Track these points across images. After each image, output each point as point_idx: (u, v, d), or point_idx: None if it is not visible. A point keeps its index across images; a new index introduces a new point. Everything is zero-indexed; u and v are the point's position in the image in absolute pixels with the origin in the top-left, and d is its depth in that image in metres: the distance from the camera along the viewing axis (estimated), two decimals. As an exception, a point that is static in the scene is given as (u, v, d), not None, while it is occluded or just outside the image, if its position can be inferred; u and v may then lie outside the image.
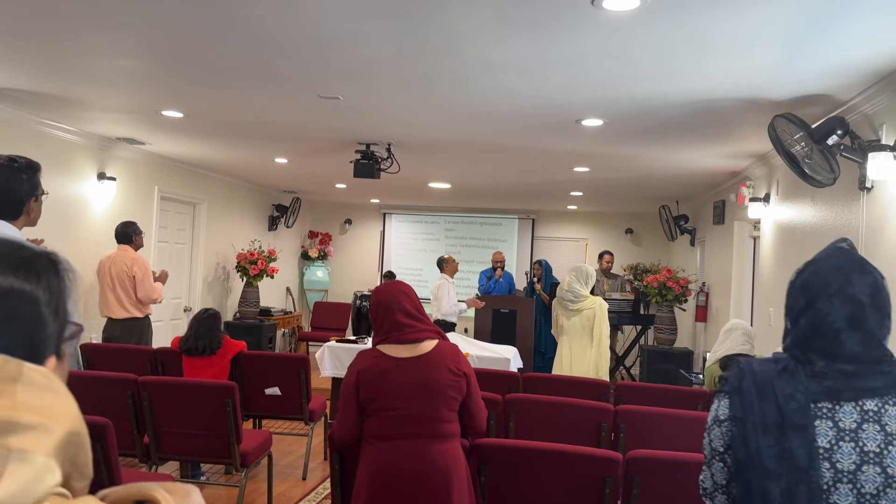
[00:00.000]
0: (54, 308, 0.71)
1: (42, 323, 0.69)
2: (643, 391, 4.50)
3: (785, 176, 5.06)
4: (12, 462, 0.59)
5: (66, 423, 0.64)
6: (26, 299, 0.68)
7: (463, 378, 2.41)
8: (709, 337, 7.60)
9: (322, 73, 3.78)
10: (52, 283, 0.71)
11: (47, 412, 0.63)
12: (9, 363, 0.64)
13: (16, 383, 0.63)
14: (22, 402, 0.62)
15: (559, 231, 10.95)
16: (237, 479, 4.32)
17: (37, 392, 0.63)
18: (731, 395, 1.36)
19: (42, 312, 0.69)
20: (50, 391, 0.65)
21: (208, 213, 8.28)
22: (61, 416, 0.64)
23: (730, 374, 1.39)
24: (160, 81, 4.14)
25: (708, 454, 1.41)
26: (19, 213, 2.43)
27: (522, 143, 5.44)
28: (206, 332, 4.38)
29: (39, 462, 0.60)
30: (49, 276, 0.71)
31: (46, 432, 0.62)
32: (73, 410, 0.66)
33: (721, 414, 1.38)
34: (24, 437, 0.60)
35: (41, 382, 0.65)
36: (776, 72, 3.39)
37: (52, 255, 0.75)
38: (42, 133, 5.44)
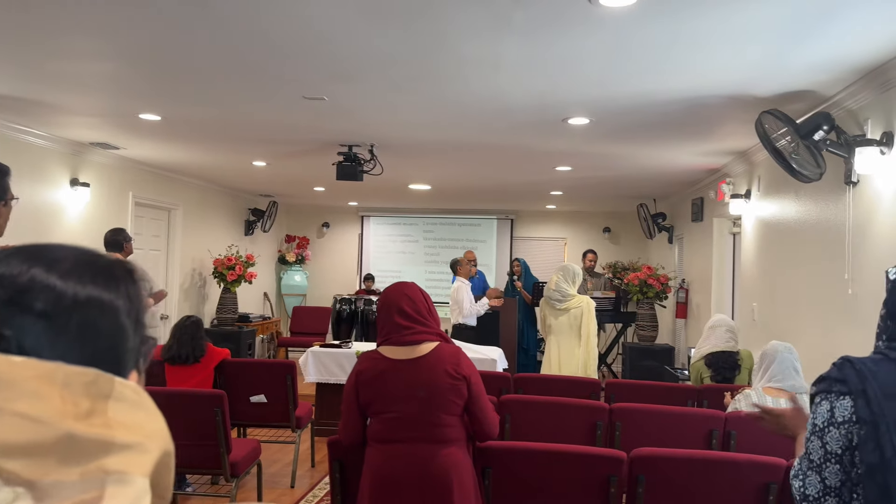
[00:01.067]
0: (134, 318, 0.66)
1: (124, 334, 0.64)
2: (633, 388, 4.51)
3: (767, 172, 5.12)
4: (111, 484, 0.54)
5: (160, 443, 0.60)
6: (107, 309, 0.63)
7: (463, 382, 2.35)
8: (689, 333, 7.67)
9: (307, 74, 3.71)
10: (131, 292, 0.66)
11: (141, 430, 0.59)
12: (101, 378, 0.59)
13: (108, 400, 0.58)
14: (115, 420, 0.57)
15: (538, 231, 10.97)
16: (226, 490, 4.23)
17: (129, 409, 0.59)
18: (855, 396, 1.33)
19: (123, 323, 0.64)
20: (141, 408, 0.60)
21: (184, 218, 8.12)
22: (155, 435, 0.60)
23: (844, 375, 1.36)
24: (138, 84, 4.03)
25: (819, 458, 1.37)
26: None
27: (507, 143, 5.42)
28: (189, 340, 4.28)
29: (139, 484, 0.56)
30: (127, 284, 0.67)
31: (143, 452, 0.58)
32: (164, 428, 0.62)
33: (840, 416, 1.35)
34: (122, 458, 0.56)
35: (132, 398, 0.60)
36: (762, 68, 3.41)
37: (126, 263, 0.70)
38: (13, 139, 5.27)
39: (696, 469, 2.56)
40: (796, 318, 4.47)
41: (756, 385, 3.41)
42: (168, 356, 4.25)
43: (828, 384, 1.39)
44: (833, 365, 1.40)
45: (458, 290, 7.01)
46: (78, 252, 0.66)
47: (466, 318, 6.88)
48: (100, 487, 0.54)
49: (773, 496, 2.46)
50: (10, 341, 0.57)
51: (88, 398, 0.57)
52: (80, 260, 0.65)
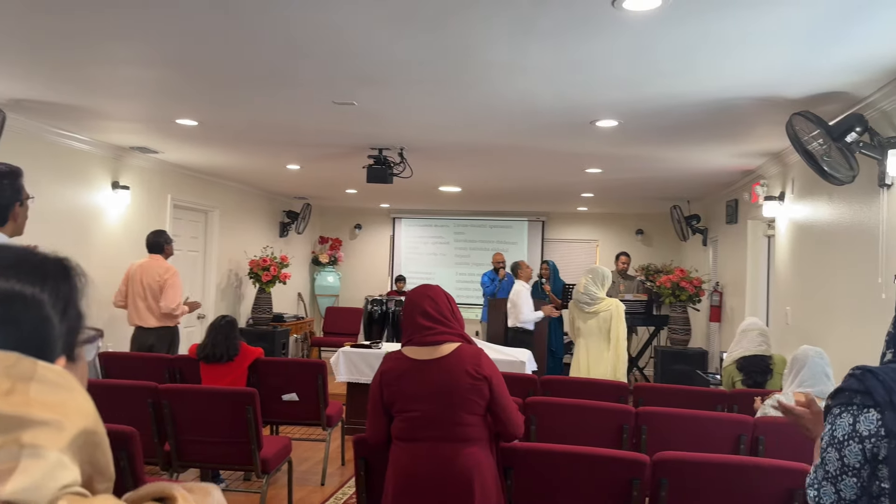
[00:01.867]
0: (61, 310, 0.72)
1: (48, 324, 0.71)
2: (662, 392, 4.48)
3: (801, 174, 5.04)
4: (25, 458, 0.59)
5: (81, 421, 0.65)
6: (29, 302, 0.70)
7: (484, 382, 2.37)
8: (723, 337, 7.56)
9: (337, 80, 3.79)
10: (60, 287, 0.73)
11: (61, 409, 0.63)
12: (22, 361, 0.65)
13: (30, 381, 0.64)
14: (35, 399, 0.63)
15: (569, 233, 10.93)
16: (257, 486, 4.33)
17: (51, 390, 0.64)
18: (882, 409, 1.30)
19: (47, 314, 0.71)
20: (64, 389, 0.66)
21: (221, 220, 8.31)
22: (75, 414, 0.64)
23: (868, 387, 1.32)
24: (175, 90, 4.16)
25: (836, 469, 1.35)
26: (5, 219, 2.44)
27: (535, 145, 5.43)
28: (223, 339, 4.38)
29: (52, 458, 0.60)
30: (57, 279, 0.73)
31: (59, 429, 0.62)
32: (88, 408, 0.67)
33: (864, 429, 1.32)
34: (37, 433, 0.61)
35: (55, 380, 0.65)
36: (793, 70, 3.38)
37: (63, 261, 0.76)
38: (57, 143, 5.47)
39: (720, 473, 2.55)
40: (829, 322, 4.40)
41: (786, 390, 3.37)
42: (203, 355, 4.37)
43: (849, 396, 1.35)
44: (851, 376, 1.36)
45: (519, 293, 6.89)
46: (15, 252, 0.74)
47: (524, 323, 6.76)
48: (15, 459, 0.59)
49: (799, 502, 2.44)
50: None
51: (9, 379, 0.63)
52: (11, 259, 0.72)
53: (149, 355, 5.05)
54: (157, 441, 3.79)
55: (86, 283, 0.78)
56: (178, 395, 3.74)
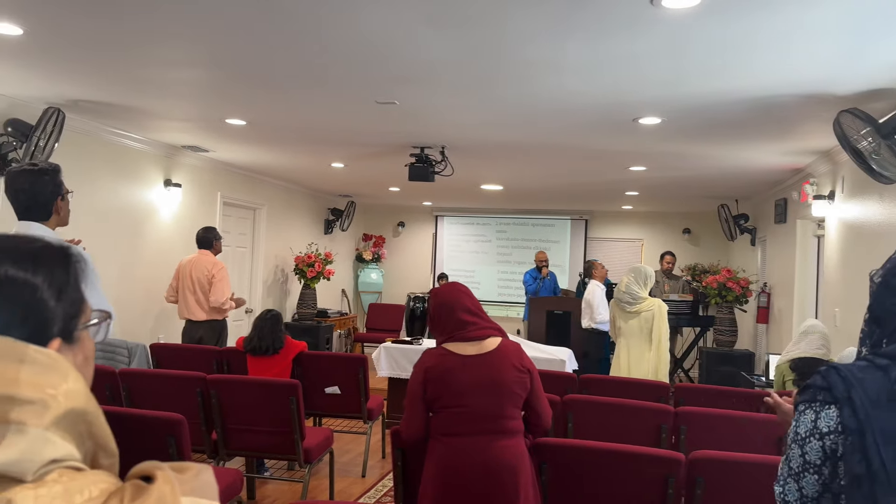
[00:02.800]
0: (56, 294, 0.76)
1: (42, 307, 0.75)
2: (702, 393, 4.43)
3: (851, 173, 4.91)
4: (10, 434, 0.64)
5: (69, 401, 0.69)
6: (20, 286, 0.74)
7: (527, 375, 2.44)
8: (771, 338, 7.41)
9: (379, 79, 3.86)
10: (55, 272, 0.77)
11: (49, 389, 0.68)
12: (14, 345, 0.70)
13: (21, 363, 0.68)
14: (24, 380, 0.67)
15: (614, 232, 10.83)
16: (300, 475, 4.44)
17: (41, 371, 0.69)
18: (841, 405, 1.29)
19: (41, 297, 0.75)
20: (54, 370, 0.70)
21: (268, 217, 8.51)
22: (62, 394, 0.69)
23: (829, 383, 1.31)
24: (224, 91, 4.29)
25: (797, 466, 1.34)
26: (49, 213, 2.60)
27: (577, 143, 5.42)
28: (269, 333, 4.51)
29: (35, 434, 0.65)
30: (52, 265, 0.77)
31: (44, 407, 0.67)
32: (78, 388, 0.71)
33: (824, 426, 1.31)
34: (22, 411, 0.65)
35: (45, 362, 0.70)
36: (841, 66, 3.30)
37: (62, 248, 0.81)
38: (112, 142, 5.70)
39: (756, 474, 2.53)
40: (880, 324, 4.27)
41: None
42: (249, 347, 4.50)
43: (812, 393, 1.34)
44: (817, 373, 1.35)
45: (593, 293, 6.74)
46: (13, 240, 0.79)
47: (599, 324, 6.62)
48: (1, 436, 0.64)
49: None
50: None
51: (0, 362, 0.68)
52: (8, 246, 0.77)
53: (198, 347, 5.22)
54: (204, 430, 3.93)
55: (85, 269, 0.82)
56: (225, 386, 3.87)
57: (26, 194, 2.54)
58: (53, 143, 4.54)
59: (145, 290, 6.15)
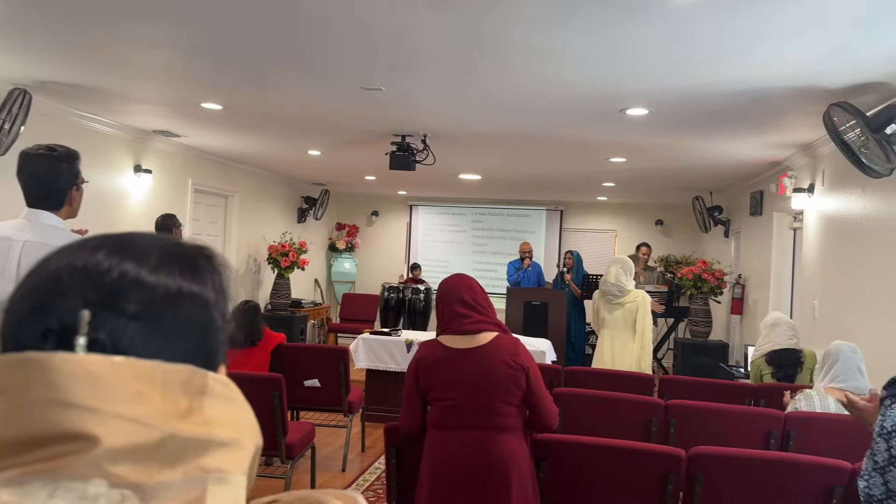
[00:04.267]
0: (222, 310, 0.63)
1: (214, 328, 0.62)
2: (688, 385, 4.43)
3: (832, 166, 4.95)
4: (212, 483, 0.54)
5: (254, 438, 0.59)
6: (197, 303, 0.61)
7: (521, 372, 2.37)
8: (745, 330, 7.50)
9: (366, 65, 3.74)
10: (217, 283, 0.63)
11: (236, 427, 0.58)
12: (195, 374, 0.57)
13: (203, 396, 0.57)
14: (212, 417, 0.56)
15: (588, 222, 10.86)
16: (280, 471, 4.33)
17: (222, 404, 0.58)
18: None
19: (213, 316, 0.62)
20: (232, 401, 0.59)
21: (240, 205, 8.31)
22: (248, 430, 0.59)
23: None
24: (201, 73, 4.13)
25: (883, 460, 1.35)
26: (62, 202, 2.41)
27: (562, 133, 5.37)
28: (247, 324, 4.38)
29: (238, 482, 0.56)
30: (212, 274, 0.64)
31: (239, 449, 0.57)
32: (254, 422, 0.61)
33: None
34: (221, 456, 0.55)
35: (224, 393, 0.59)
36: (832, 59, 3.30)
37: (206, 250, 0.66)
38: (81, 126, 5.47)
39: (757, 469, 2.51)
40: (860, 317, 4.33)
41: (818, 385, 3.32)
42: (226, 339, 4.36)
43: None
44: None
45: None
46: (162, 242, 0.63)
47: None
48: (202, 487, 0.54)
49: (837, 500, 2.40)
50: (105, 343, 0.54)
51: (186, 396, 0.56)
52: (166, 251, 0.62)
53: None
54: (182, 425, 3.80)
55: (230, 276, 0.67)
56: (204, 380, 3.74)
57: (40, 180, 2.34)
58: (19, 127, 4.32)
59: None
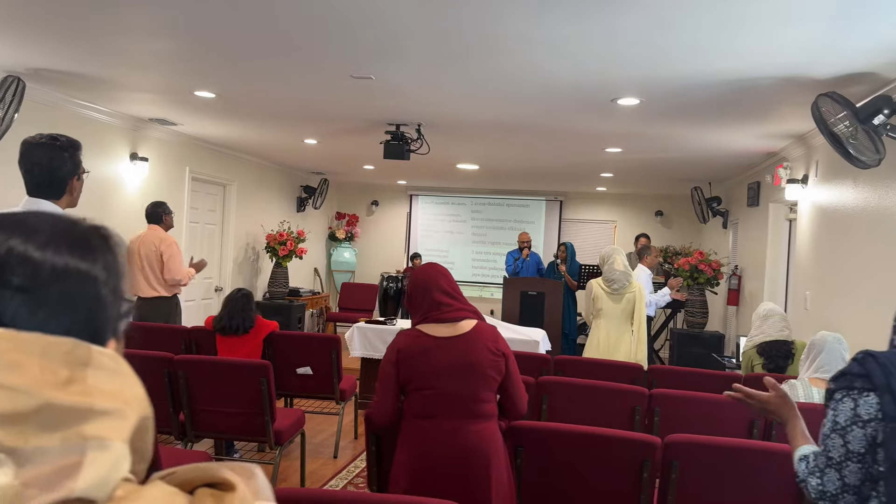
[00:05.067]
0: (112, 287, 0.67)
1: (102, 303, 0.66)
2: (676, 375, 4.45)
3: (825, 157, 4.94)
4: (91, 450, 0.56)
5: (138, 408, 0.62)
6: (85, 279, 0.64)
7: (502, 359, 2.39)
8: (741, 320, 7.50)
9: (355, 53, 3.75)
10: (108, 260, 0.67)
11: (120, 397, 0.60)
12: (79, 347, 0.60)
13: (86, 368, 0.60)
14: (94, 387, 0.59)
15: (587, 213, 10.85)
16: (270, 457, 4.38)
17: (107, 376, 0.61)
18: (880, 392, 1.30)
19: (101, 293, 0.65)
20: (119, 374, 0.62)
21: (238, 194, 8.34)
22: (133, 401, 0.61)
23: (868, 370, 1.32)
24: (193, 61, 4.14)
25: (840, 456, 1.35)
26: (63, 192, 2.44)
27: (555, 123, 5.37)
28: (239, 312, 4.41)
29: (118, 449, 0.58)
30: (105, 253, 0.67)
31: (121, 418, 0.59)
32: (141, 393, 0.64)
33: (865, 413, 1.32)
34: (101, 424, 0.58)
35: (110, 366, 0.62)
36: (820, 49, 3.29)
37: (103, 230, 0.70)
38: (76, 114, 5.50)
39: (732, 457, 2.53)
40: (850, 308, 4.33)
41: (803, 375, 3.33)
42: (219, 326, 4.40)
43: (849, 380, 1.35)
44: (853, 360, 1.36)
45: (637, 277, 6.31)
46: (55, 220, 0.67)
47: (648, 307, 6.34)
48: (80, 453, 0.56)
49: (811, 488, 2.42)
50: None
51: (67, 367, 0.58)
52: (56, 229, 0.65)
53: (165, 326, 5.10)
54: (171, 411, 3.84)
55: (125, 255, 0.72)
56: (193, 366, 3.78)
57: (42, 169, 2.37)
58: (13, 115, 4.35)
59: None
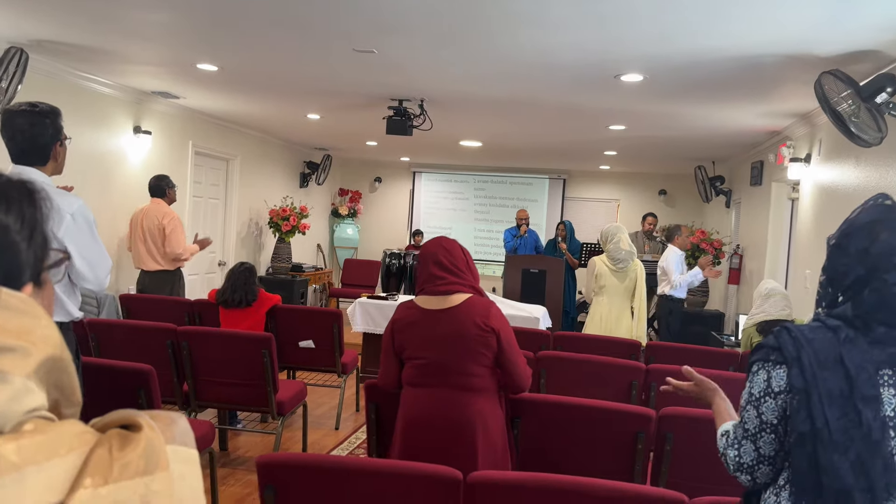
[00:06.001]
0: (27, 235, 0.72)
1: (14, 250, 0.70)
2: (674, 351, 4.49)
3: (828, 136, 4.93)
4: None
5: (46, 347, 0.65)
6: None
7: (492, 334, 2.38)
8: (741, 299, 7.53)
9: (358, 26, 3.74)
10: (26, 211, 0.72)
11: (26, 336, 0.64)
12: None
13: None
14: (0, 325, 0.63)
15: (590, 191, 10.84)
16: (273, 427, 4.45)
17: (14, 316, 0.64)
18: (789, 365, 1.31)
19: (13, 240, 0.70)
20: (29, 315, 0.66)
21: (241, 168, 8.34)
22: (40, 340, 0.65)
23: (780, 343, 1.33)
24: (195, 34, 4.13)
25: (754, 427, 1.36)
26: (47, 158, 2.48)
27: (558, 100, 5.35)
28: (242, 285, 4.45)
29: (17, 383, 0.61)
30: (22, 204, 0.72)
31: (24, 355, 0.63)
32: (53, 335, 0.67)
33: (776, 385, 1.33)
34: (3, 359, 0.61)
35: (18, 307, 0.65)
36: (824, 27, 3.27)
37: (27, 184, 0.75)
38: (79, 86, 5.50)
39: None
40: (849, 287, 4.35)
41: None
42: (222, 300, 4.44)
43: (765, 353, 1.36)
44: (771, 333, 1.37)
45: (667, 258, 6.33)
46: None
47: (674, 290, 6.27)
48: None
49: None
50: None
51: None
52: None
53: (169, 299, 5.15)
54: (176, 381, 3.90)
55: (51, 208, 0.77)
56: (197, 337, 3.83)
57: (24, 136, 2.40)
58: (16, 86, 4.35)
59: (116, 240, 6.03)
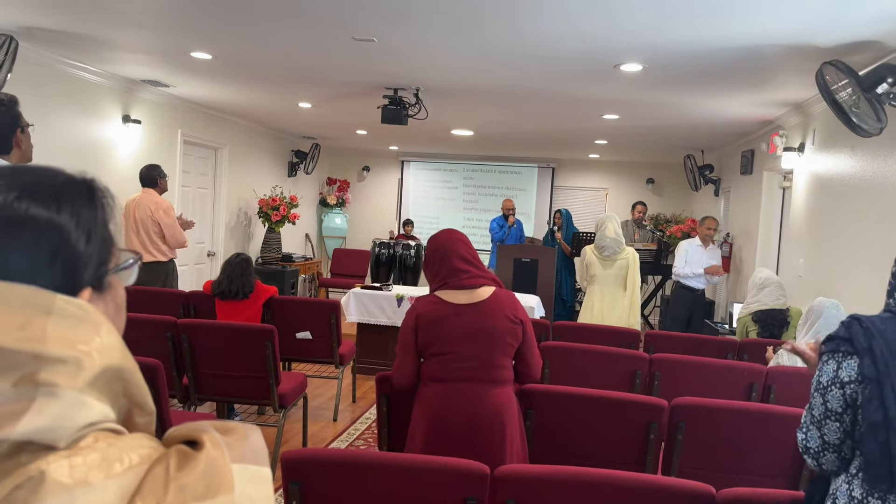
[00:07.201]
0: (85, 236, 0.67)
1: (70, 252, 0.66)
2: (672, 340, 4.52)
3: (823, 125, 4.96)
4: (40, 397, 0.57)
5: (103, 358, 0.61)
6: (44, 227, 0.64)
7: (520, 325, 2.42)
8: (731, 287, 7.60)
9: (359, 14, 3.69)
10: (82, 210, 0.68)
11: (81, 346, 0.60)
12: (39, 294, 0.60)
13: (48, 315, 0.60)
14: (52, 334, 0.59)
15: (579, 180, 10.86)
16: (272, 420, 4.42)
17: (71, 325, 0.61)
18: (861, 355, 1.33)
19: (69, 241, 0.66)
20: (86, 323, 0.62)
21: (230, 157, 8.25)
22: (97, 350, 0.61)
23: (851, 334, 1.35)
24: (190, 21, 4.06)
25: (820, 415, 1.40)
26: (9, 147, 2.45)
27: (556, 89, 5.34)
28: (238, 276, 4.40)
29: (69, 397, 0.58)
30: (78, 201, 0.68)
31: (78, 366, 0.59)
32: (113, 343, 0.63)
33: (845, 375, 1.36)
34: (53, 371, 0.58)
35: (76, 314, 0.61)
36: (825, 17, 3.28)
37: (88, 181, 0.71)
38: (68, 74, 5.39)
39: (737, 420, 2.59)
40: (845, 275, 4.40)
41: (800, 340, 3.40)
42: (218, 291, 4.39)
43: (836, 344, 1.39)
44: (841, 324, 1.40)
45: (680, 246, 6.69)
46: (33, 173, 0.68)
47: (687, 280, 6.59)
48: (29, 399, 0.56)
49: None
50: None
51: (23, 313, 0.59)
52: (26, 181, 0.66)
53: (164, 290, 5.08)
54: (175, 375, 3.85)
55: (114, 205, 0.72)
56: (197, 330, 3.78)
57: None
58: (6, 74, 4.25)
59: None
